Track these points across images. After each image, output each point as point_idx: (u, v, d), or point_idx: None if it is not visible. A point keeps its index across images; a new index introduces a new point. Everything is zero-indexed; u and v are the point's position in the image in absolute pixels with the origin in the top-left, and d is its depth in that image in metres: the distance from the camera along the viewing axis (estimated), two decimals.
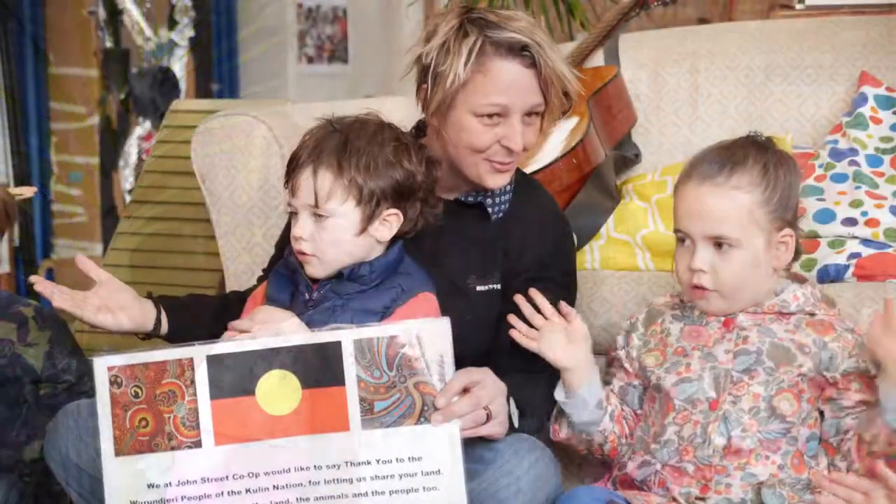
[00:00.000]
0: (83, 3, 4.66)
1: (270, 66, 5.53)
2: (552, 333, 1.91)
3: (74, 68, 4.69)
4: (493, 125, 1.94)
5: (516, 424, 1.83)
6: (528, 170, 2.46)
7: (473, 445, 1.84)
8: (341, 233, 1.87)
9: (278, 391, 1.68)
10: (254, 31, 5.49)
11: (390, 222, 1.90)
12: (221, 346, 1.70)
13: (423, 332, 1.70)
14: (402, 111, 3.05)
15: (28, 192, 2.32)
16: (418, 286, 1.89)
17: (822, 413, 1.88)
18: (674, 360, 1.92)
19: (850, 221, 2.34)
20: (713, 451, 1.84)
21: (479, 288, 2.01)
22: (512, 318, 1.94)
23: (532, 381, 1.93)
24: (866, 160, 2.47)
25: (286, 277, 1.94)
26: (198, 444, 1.68)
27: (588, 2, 4.16)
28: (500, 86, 1.92)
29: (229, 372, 1.68)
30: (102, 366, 1.70)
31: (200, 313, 2.06)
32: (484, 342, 1.98)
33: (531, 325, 1.94)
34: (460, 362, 1.75)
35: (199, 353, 1.68)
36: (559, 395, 1.94)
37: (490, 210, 2.04)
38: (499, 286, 2.02)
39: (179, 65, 4.99)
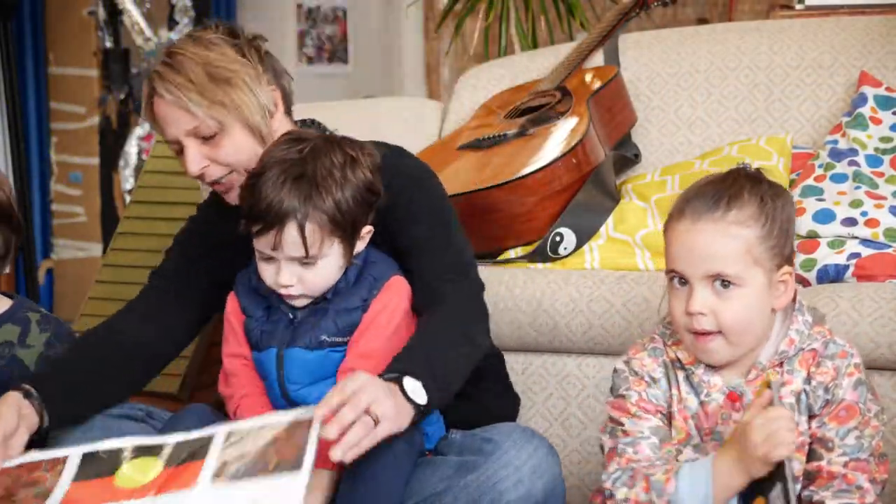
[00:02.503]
0: (83, 3, 4.66)
1: None
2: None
3: (74, 68, 4.69)
4: (182, 156, 1.99)
5: (421, 401, 1.73)
6: (527, 170, 2.47)
7: (472, 437, 1.86)
8: (331, 269, 1.88)
9: (139, 472, 1.72)
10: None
11: (365, 238, 1.92)
12: (99, 445, 1.77)
13: (293, 426, 1.67)
14: (402, 111, 3.06)
15: None
16: (386, 271, 1.93)
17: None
18: (690, 453, 1.78)
19: (850, 221, 2.34)
20: None
21: None
22: None
23: (443, 342, 1.86)
24: (866, 160, 2.47)
25: (260, 294, 1.95)
26: None
27: (588, 2, 4.16)
28: (159, 124, 2.00)
29: (99, 462, 1.75)
30: None
31: (74, 389, 1.95)
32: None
33: None
34: None
35: (76, 452, 1.77)
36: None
37: None
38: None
39: None
